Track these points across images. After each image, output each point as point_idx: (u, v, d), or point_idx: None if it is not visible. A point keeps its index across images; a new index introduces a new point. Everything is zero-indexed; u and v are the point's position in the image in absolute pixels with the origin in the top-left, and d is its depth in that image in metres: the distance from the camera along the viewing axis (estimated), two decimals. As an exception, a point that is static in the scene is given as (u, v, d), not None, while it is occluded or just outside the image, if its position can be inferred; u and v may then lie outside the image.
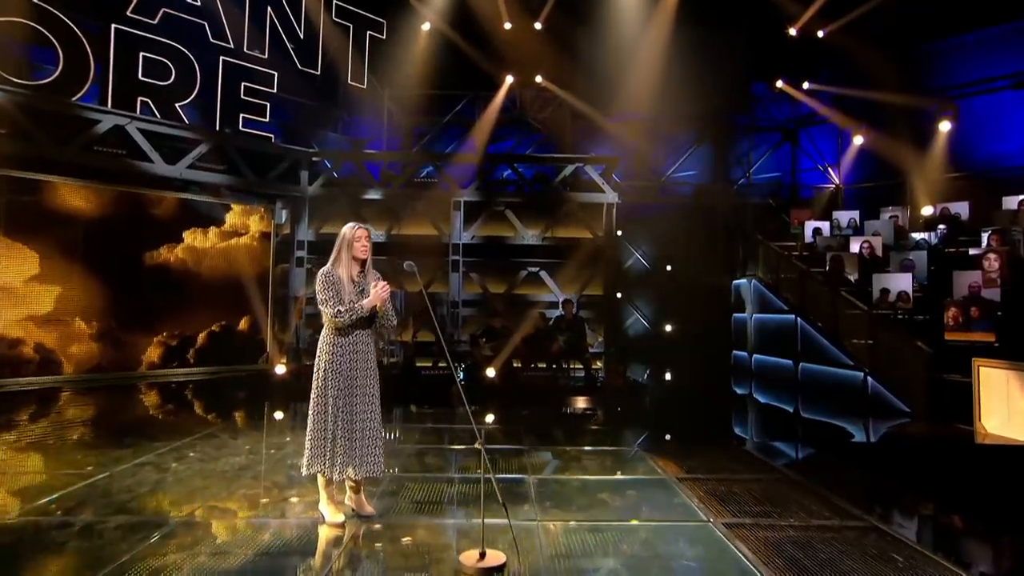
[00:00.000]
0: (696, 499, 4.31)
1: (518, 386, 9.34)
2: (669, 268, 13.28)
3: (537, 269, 11.57)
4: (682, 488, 4.59)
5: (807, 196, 13.69)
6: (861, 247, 10.32)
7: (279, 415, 7.85)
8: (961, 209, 10.78)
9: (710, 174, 13.64)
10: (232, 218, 11.55)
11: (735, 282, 12.38)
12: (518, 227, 11.56)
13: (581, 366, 10.15)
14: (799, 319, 10.08)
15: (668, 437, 6.82)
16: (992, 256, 8.55)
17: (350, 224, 4.02)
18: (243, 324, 11.59)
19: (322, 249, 11.63)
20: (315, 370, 3.91)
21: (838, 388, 8.91)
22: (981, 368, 6.66)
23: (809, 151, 13.76)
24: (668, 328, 12.92)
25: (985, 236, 9.33)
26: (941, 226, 10.25)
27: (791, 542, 3.60)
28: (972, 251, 8.97)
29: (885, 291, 8.81)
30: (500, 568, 3.15)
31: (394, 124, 13.06)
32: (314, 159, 11.77)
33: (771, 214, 12.82)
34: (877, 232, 10.79)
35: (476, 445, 3.27)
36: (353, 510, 4.00)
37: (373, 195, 11.61)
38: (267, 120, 11.78)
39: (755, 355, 11.52)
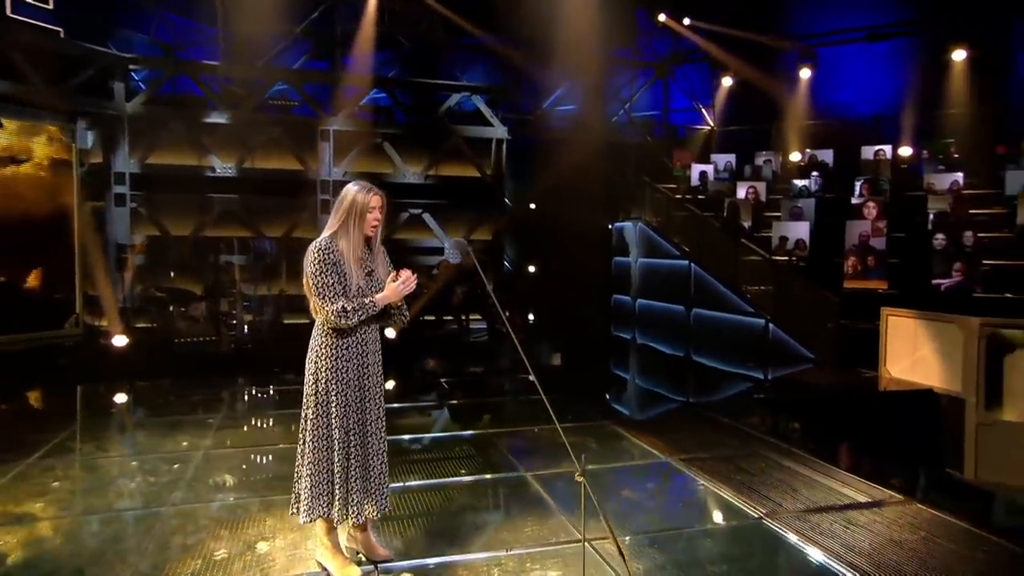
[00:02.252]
0: (725, 488, 4.13)
1: (424, 345, 8.66)
2: (532, 207, 13.05)
3: (420, 211, 10.68)
4: (695, 473, 4.40)
5: (680, 137, 14.13)
6: (747, 193, 10.89)
7: (125, 400, 6.41)
8: (827, 156, 11.77)
9: (589, 109, 13.44)
10: (5, 139, 9.04)
11: (618, 224, 12.52)
12: (398, 163, 10.51)
13: (480, 317, 9.68)
14: (693, 265, 10.43)
15: (615, 400, 6.71)
16: (871, 205, 9.42)
17: (358, 185, 3.08)
18: (33, 279, 9.34)
19: (150, 184, 9.61)
20: (310, 383, 2.99)
21: (738, 335, 9.42)
22: (889, 317, 7.33)
23: (684, 90, 14.12)
24: (532, 269, 12.79)
25: (858, 185, 10.28)
26: (815, 173, 11.12)
27: (848, 529, 3.56)
28: (854, 200, 9.81)
29: (784, 239, 9.37)
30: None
31: (230, 31, 10.93)
32: (132, 67, 9.53)
33: (650, 154, 13.04)
34: (760, 177, 11.46)
35: (577, 477, 2.69)
36: (357, 553, 3.22)
37: (217, 118, 9.74)
38: (50, 7, 9.20)
39: (639, 300, 11.86)
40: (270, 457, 4.78)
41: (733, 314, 9.62)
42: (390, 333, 8.55)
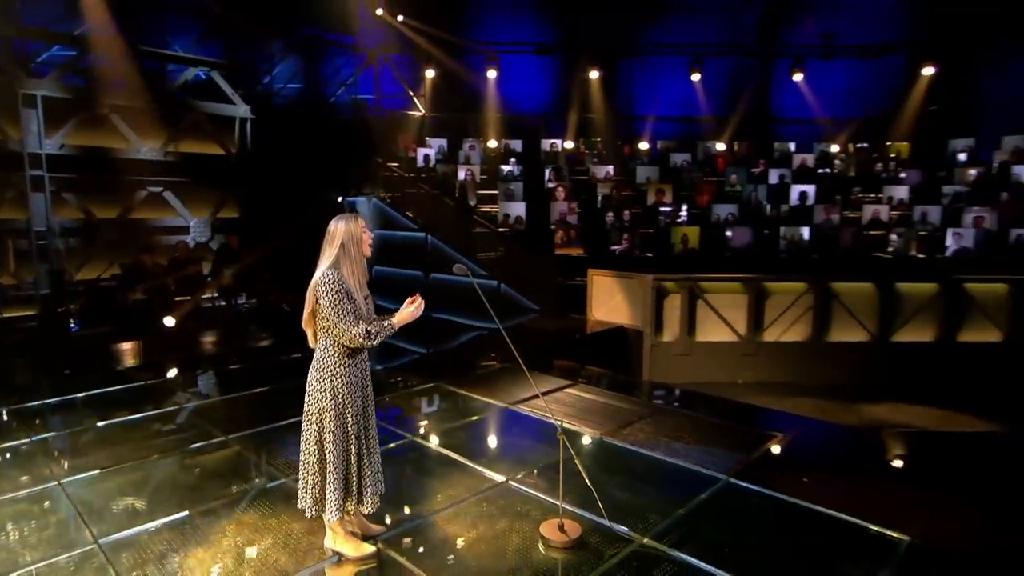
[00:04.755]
0: (566, 420, 5.17)
1: (202, 326, 7.82)
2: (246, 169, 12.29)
3: (160, 189, 9.25)
4: (533, 413, 5.38)
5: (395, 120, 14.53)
6: (466, 175, 12.03)
7: None
8: (518, 146, 13.58)
9: (311, 90, 12.95)
10: None
11: (350, 199, 12.55)
12: (132, 138, 8.87)
13: (248, 295, 9.04)
14: (429, 236, 11.24)
15: (415, 362, 7.25)
16: (560, 189, 11.44)
17: (346, 217, 3.14)
18: None
19: None
20: (326, 398, 3.04)
21: (474, 295, 10.57)
22: (594, 276, 9.30)
23: (395, 78, 14.48)
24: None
25: (547, 171, 12.25)
26: (512, 160, 12.79)
27: (650, 434, 4.96)
28: (549, 184, 11.69)
29: (507, 215, 10.78)
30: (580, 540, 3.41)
31: None
32: None
33: (376, 135, 13.22)
34: (470, 161, 12.67)
35: (559, 436, 3.37)
36: (353, 533, 3.39)
37: None
38: None
39: (376, 267, 12.25)
40: (150, 470, 4.25)
41: (469, 277, 10.75)
42: (169, 321, 7.64)
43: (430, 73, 14.42)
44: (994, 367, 8.16)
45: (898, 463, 4.71)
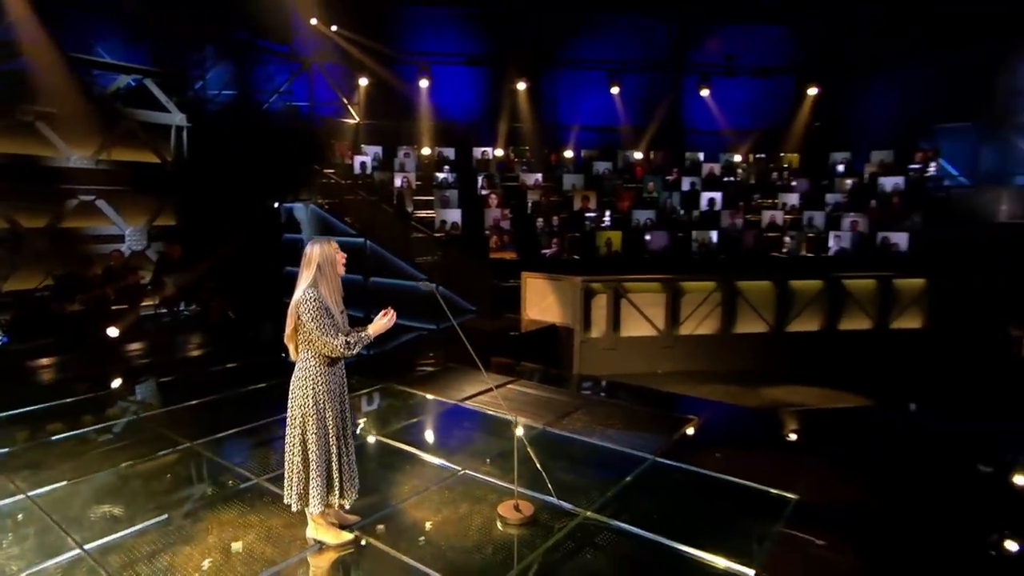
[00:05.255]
0: (512, 413, 5.60)
1: (147, 335, 7.66)
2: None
3: (93, 197, 8.90)
4: (479, 407, 5.76)
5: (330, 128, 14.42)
6: (403, 182, 12.21)
7: None
8: (451, 153, 13.86)
9: (245, 96, 12.69)
10: None
11: (287, 205, 12.44)
12: (59, 145, 8.50)
13: (188, 305, 8.88)
14: (367, 241, 11.35)
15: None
16: (493, 196, 11.85)
17: (320, 241, 3.41)
18: None
19: None
20: (308, 405, 3.30)
21: (412, 297, 10.83)
22: (528, 279, 9.76)
23: (330, 85, 14.39)
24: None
25: (480, 179, 12.62)
26: (446, 167, 13.06)
27: (587, 422, 5.46)
28: (482, 191, 12.05)
29: (444, 221, 11.07)
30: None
31: None
32: None
33: (313, 142, 13.13)
34: (405, 169, 12.85)
35: (514, 427, 3.75)
36: (333, 524, 3.66)
37: None
38: None
39: (315, 271, 12.20)
40: (119, 479, 4.31)
41: (407, 280, 10.99)
42: (113, 331, 7.48)
43: (363, 81, 14.42)
44: (867, 351, 9.30)
45: (792, 437, 5.45)
